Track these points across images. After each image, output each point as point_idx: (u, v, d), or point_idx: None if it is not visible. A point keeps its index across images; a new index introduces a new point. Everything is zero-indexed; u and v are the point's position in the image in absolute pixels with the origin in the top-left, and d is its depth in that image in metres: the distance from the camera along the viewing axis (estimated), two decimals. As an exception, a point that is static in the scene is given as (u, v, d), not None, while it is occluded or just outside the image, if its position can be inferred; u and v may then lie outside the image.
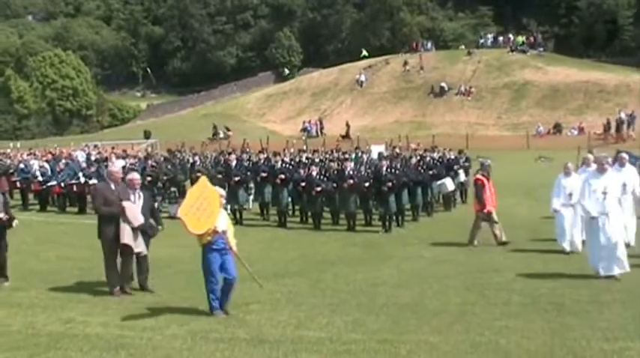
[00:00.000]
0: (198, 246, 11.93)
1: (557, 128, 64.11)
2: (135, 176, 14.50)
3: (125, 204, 13.50)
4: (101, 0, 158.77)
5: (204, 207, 11.72)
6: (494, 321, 11.12)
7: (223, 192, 12.74)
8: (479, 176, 19.64)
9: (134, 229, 13.50)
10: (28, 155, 36.31)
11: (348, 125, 71.97)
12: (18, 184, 30.54)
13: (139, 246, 13.70)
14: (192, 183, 27.11)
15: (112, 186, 13.82)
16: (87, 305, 12.72)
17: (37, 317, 11.85)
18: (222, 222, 12.06)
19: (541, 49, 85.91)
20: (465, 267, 15.87)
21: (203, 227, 11.59)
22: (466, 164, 29.08)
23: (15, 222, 14.59)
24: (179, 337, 10.57)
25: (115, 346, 10.11)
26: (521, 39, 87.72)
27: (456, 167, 27.69)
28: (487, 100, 75.16)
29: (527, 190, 30.72)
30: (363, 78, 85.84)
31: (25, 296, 13.33)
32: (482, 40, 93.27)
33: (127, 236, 13.36)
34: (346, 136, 66.11)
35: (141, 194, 14.12)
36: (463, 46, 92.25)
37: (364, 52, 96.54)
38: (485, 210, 18.92)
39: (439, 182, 25.57)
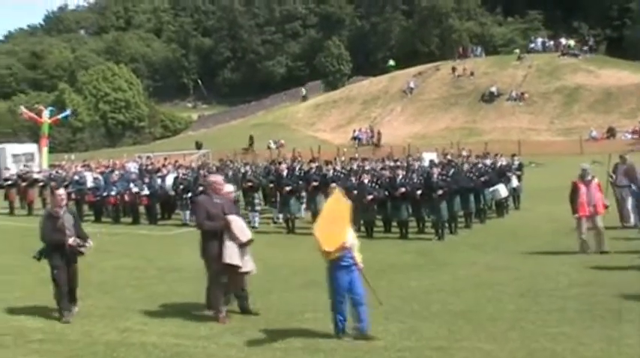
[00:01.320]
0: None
1: (611, 132, 63.13)
2: (229, 188, 13.83)
3: (230, 218, 12.43)
4: (151, 13, 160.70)
5: (336, 222, 10.92)
6: (549, 328, 11.01)
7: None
8: (575, 180, 19.24)
9: (241, 246, 12.43)
10: (82, 167, 36.79)
11: (379, 133, 72.05)
12: (73, 196, 30.95)
13: (247, 265, 12.60)
14: (244, 193, 27.30)
15: (215, 199, 12.69)
16: (143, 314, 12.84)
17: (94, 326, 12.02)
18: (350, 235, 11.10)
19: (592, 52, 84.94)
20: (518, 274, 15.71)
21: (336, 243, 10.76)
22: (518, 172, 28.80)
23: (87, 247, 13.03)
24: (234, 346, 10.64)
25: (171, 355, 10.23)
26: (572, 42, 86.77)
27: (508, 173, 27.44)
28: (538, 105, 74.53)
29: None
30: (412, 85, 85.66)
31: (82, 306, 13.48)
32: (532, 45, 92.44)
33: (232, 254, 12.22)
34: (377, 145, 66.15)
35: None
36: (517, 50, 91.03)
37: (391, 62, 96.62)
38: (576, 215, 18.53)
39: (492, 188, 25.37)
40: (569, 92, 74.83)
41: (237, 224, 12.49)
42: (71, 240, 12.67)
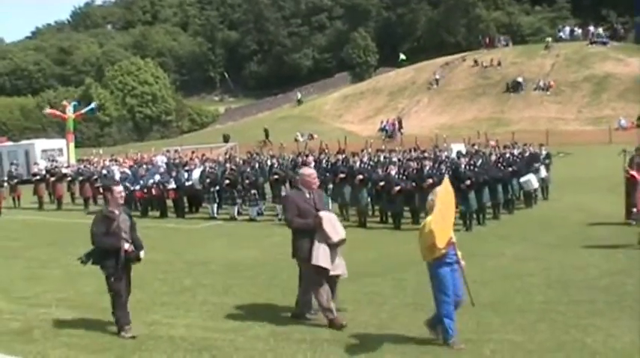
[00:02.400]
0: (279, 251, 11.88)
1: (641, 121, 62.43)
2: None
3: (322, 214, 11.43)
4: (178, 7, 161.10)
5: (448, 215, 9.99)
6: (579, 320, 10.91)
7: None
8: (633, 172, 18.84)
9: (332, 246, 11.29)
10: (110, 161, 37.03)
11: (393, 124, 72.06)
12: (101, 190, 31.15)
13: (338, 268, 11.46)
14: (272, 186, 27.34)
15: (307, 194, 11.70)
16: (170, 307, 12.88)
17: (122, 320, 12.06)
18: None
19: (621, 40, 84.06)
20: (547, 265, 15.59)
21: (446, 238, 9.81)
22: (547, 161, 28.62)
23: (142, 254, 11.55)
24: (261, 338, 10.63)
25: (199, 348, 10.23)
26: (601, 30, 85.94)
27: (536, 163, 27.26)
28: (567, 94, 73.95)
29: (610, 185, 30.09)
30: (439, 76, 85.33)
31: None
32: (560, 34, 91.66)
33: (321, 255, 11.12)
34: (391, 137, 66.12)
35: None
36: (549, 39, 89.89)
37: (402, 56, 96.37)
38: (635, 209, 18.15)
39: (524, 179, 25.20)
40: (598, 81, 74.15)
41: (330, 221, 11.42)
42: (127, 246, 11.21)
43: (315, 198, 11.67)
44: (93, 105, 71.58)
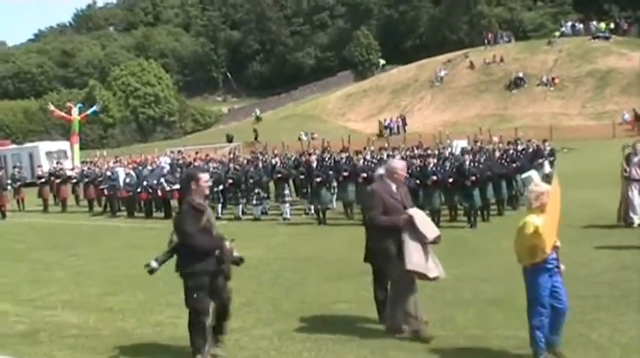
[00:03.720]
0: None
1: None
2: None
3: (412, 211, 10.30)
4: (179, 8, 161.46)
5: (555, 218, 9.11)
6: (584, 315, 10.88)
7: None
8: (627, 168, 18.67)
9: (424, 245, 10.11)
10: (114, 163, 37.05)
11: (380, 122, 72.27)
12: (105, 192, 31.20)
13: (433, 269, 10.15)
14: (275, 185, 27.34)
15: (394, 188, 10.54)
16: (175, 308, 12.84)
17: (127, 321, 12.08)
18: None
19: (624, 35, 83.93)
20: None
21: (551, 243, 8.95)
22: (550, 157, 28.55)
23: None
24: (266, 337, 10.64)
25: (204, 348, 10.23)
26: (604, 25, 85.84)
27: (540, 159, 27.22)
28: (570, 90, 73.92)
29: (614, 181, 29.98)
30: (442, 73, 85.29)
31: (115, 301, 13.58)
32: (562, 29, 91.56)
33: (416, 258, 9.92)
34: (380, 134, 66.15)
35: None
36: (557, 33, 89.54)
37: (382, 62, 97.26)
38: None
39: (525, 175, 25.11)
40: (601, 76, 74.11)
41: (421, 218, 10.31)
42: (228, 244, 9.56)
43: (402, 194, 10.61)
44: (96, 107, 71.54)
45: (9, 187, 34.43)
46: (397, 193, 10.46)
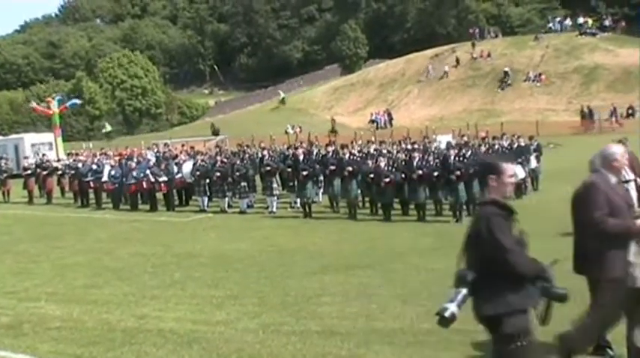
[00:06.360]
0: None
1: (631, 111, 62.50)
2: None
3: None
4: (167, 0, 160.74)
5: None
6: (573, 309, 10.91)
7: None
8: None
9: None
10: (100, 155, 36.91)
11: (333, 119, 72.40)
12: (91, 184, 31.08)
13: None
14: (263, 178, 27.30)
15: (614, 181, 8.13)
16: (160, 300, 12.86)
17: (111, 313, 12.05)
18: None
19: (610, 31, 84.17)
20: (537, 255, 15.58)
21: None
22: (536, 153, 28.62)
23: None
24: (251, 330, 10.63)
25: (188, 341, 10.22)
26: (590, 21, 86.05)
27: (526, 154, 27.30)
28: (557, 86, 74.07)
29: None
30: (430, 67, 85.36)
31: (99, 293, 13.55)
32: (550, 25, 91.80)
33: None
34: (333, 131, 65.81)
35: None
36: (551, 24, 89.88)
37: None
38: None
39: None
40: (588, 72, 74.26)
41: None
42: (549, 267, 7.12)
43: (625, 190, 8.46)
44: (76, 100, 70.94)
45: (-4, 179, 34.32)
46: (619, 189, 8.15)
